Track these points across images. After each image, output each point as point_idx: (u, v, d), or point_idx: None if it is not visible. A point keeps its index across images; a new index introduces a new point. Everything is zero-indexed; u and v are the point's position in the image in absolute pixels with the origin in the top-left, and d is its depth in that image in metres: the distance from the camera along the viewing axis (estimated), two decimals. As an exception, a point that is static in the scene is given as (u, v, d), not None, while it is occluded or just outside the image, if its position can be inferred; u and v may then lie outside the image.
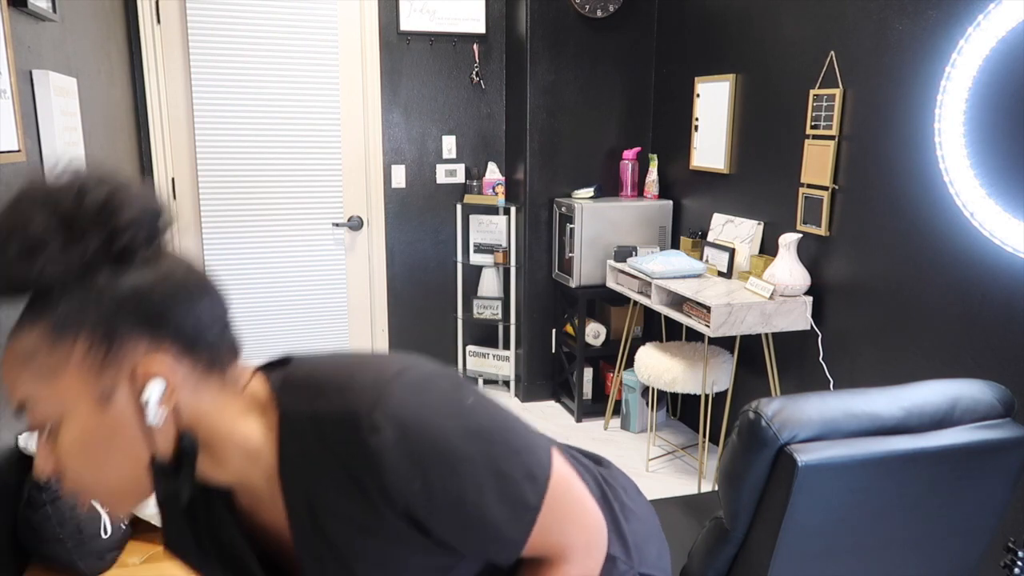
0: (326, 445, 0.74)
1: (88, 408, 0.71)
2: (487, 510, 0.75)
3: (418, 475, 0.72)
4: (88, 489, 0.74)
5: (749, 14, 3.10)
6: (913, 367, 2.40)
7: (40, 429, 0.72)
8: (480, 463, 0.75)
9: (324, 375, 0.78)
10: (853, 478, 1.33)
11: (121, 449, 0.72)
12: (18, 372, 0.71)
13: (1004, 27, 2.01)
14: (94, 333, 0.70)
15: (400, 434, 0.72)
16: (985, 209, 2.09)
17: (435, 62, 3.88)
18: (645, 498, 1.09)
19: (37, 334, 0.70)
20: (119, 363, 0.71)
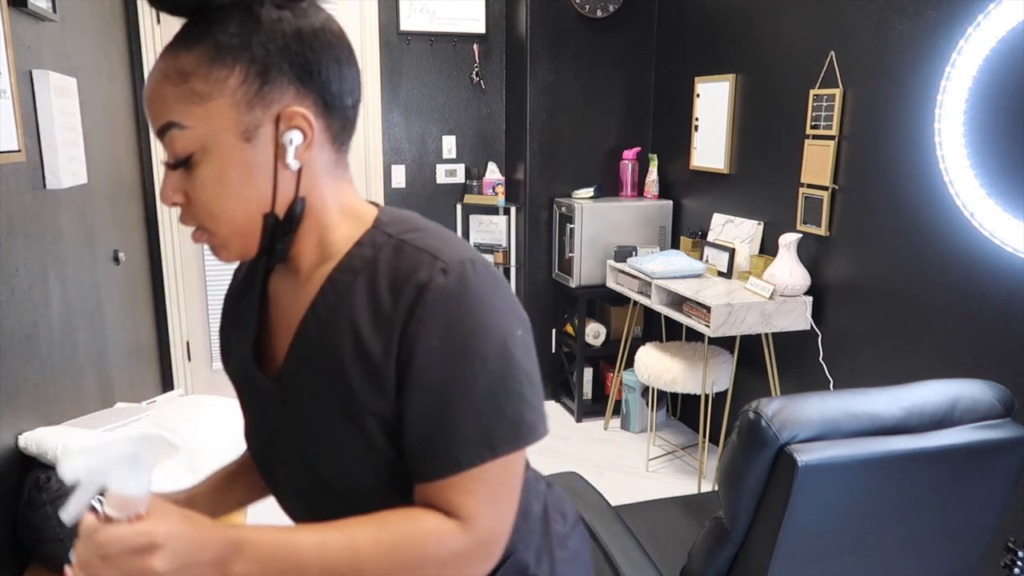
0: (395, 264, 0.75)
1: (232, 140, 0.72)
2: (460, 416, 0.73)
3: (442, 335, 0.72)
4: (212, 221, 0.75)
5: (749, 14, 3.10)
6: (913, 367, 2.40)
7: (177, 158, 0.72)
8: (492, 377, 0.74)
9: (430, 226, 0.81)
10: (853, 478, 1.33)
11: (252, 188, 0.74)
12: (169, 91, 0.71)
13: (1004, 27, 2.01)
14: (251, 66, 0.71)
15: (458, 291, 0.72)
16: (985, 209, 2.09)
17: (435, 62, 3.88)
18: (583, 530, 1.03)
19: (195, 55, 0.71)
20: (267, 103, 0.72)
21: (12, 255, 1.76)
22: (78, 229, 2.27)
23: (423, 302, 0.72)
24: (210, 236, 0.76)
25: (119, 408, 2.25)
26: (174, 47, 0.72)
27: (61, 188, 2.01)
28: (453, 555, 0.74)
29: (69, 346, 2.11)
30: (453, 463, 0.73)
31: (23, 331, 1.79)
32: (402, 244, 0.77)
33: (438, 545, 0.73)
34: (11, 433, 1.76)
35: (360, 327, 0.75)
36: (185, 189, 0.74)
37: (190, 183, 0.73)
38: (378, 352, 0.74)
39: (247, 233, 0.76)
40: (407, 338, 0.72)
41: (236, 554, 0.67)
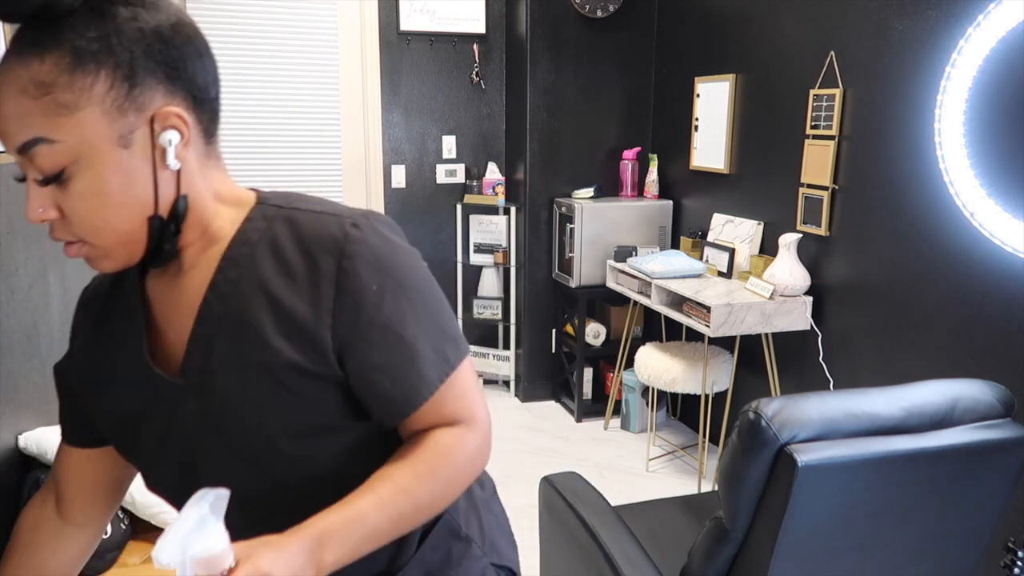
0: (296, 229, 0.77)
1: (107, 149, 0.69)
2: (419, 341, 0.79)
3: (377, 280, 0.76)
4: (93, 234, 0.72)
5: (749, 14, 3.10)
6: (913, 367, 2.40)
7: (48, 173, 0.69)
8: (427, 303, 0.80)
9: (314, 198, 0.83)
10: (853, 478, 1.33)
11: (134, 194, 0.71)
12: (28, 105, 0.66)
13: (1004, 27, 2.01)
14: (116, 69, 0.68)
15: (376, 238, 0.77)
16: (985, 209, 2.09)
17: (435, 62, 3.88)
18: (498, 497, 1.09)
19: (51, 64, 0.66)
20: (139, 106, 0.70)
21: (12, 255, 1.76)
22: (78, 229, 2.27)
23: (347, 254, 0.75)
24: (90, 248, 0.73)
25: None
26: (19, 55, 0.67)
27: (61, 188, 2.01)
28: (477, 450, 0.83)
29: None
30: (428, 383, 0.79)
31: (23, 331, 1.79)
32: (294, 213, 0.79)
33: (463, 449, 0.82)
34: (11, 433, 1.76)
35: (275, 292, 0.76)
36: (58, 203, 0.70)
37: (65, 197, 0.70)
38: (303, 312, 0.75)
39: (132, 240, 0.74)
40: (342, 292, 0.75)
41: (321, 547, 0.70)
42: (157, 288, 0.83)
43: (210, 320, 0.78)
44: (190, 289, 0.80)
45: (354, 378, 0.78)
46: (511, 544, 1.06)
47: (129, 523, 1.87)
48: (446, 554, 0.93)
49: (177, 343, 0.81)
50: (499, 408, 3.97)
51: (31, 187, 0.70)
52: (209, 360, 0.77)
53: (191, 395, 0.79)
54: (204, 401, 0.78)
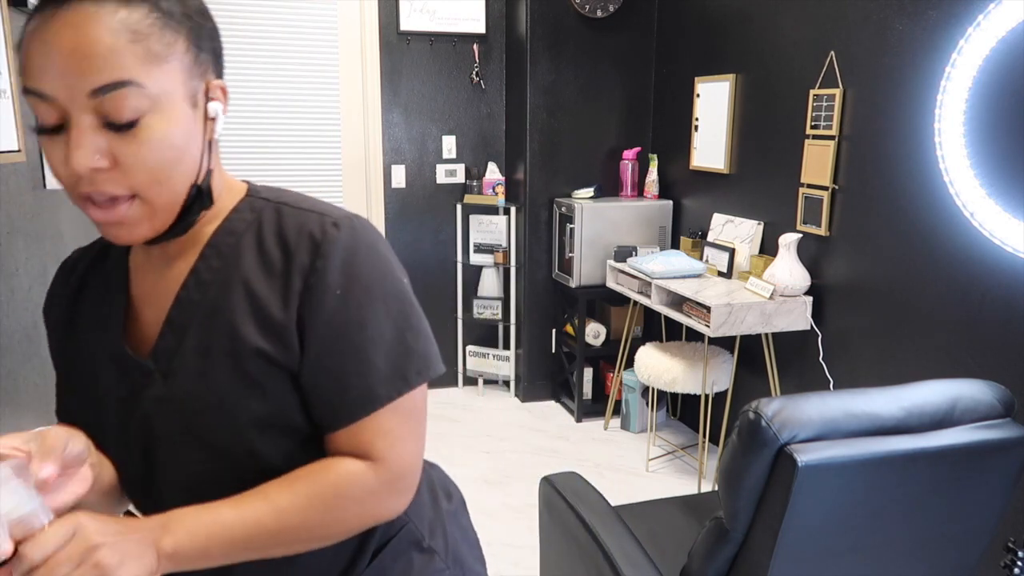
0: (280, 223, 0.79)
1: (181, 105, 0.72)
2: (374, 352, 0.77)
3: (344, 283, 0.76)
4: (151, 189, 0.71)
5: (749, 14, 3.10)
6: (913, 367, 2.40)
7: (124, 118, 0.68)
8: (393, 314, 0.79)
9: (304, 195, 0.85)
10: (853, 478, 1.33)
11: (191, 155, 0.74)
12: (123, 48, 0.67)
13: (1004, 27, 2.01)
14: (190, 35, 0.73)
15: (352, 242, 0.78)
16: (985, 209, 2.09)
17: (435, 62, 3.88)
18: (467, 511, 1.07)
19: (141, 15, 0.69)
20: (201, 73, 0.74)
21: (12, 255, 1.76)
22: (78, 229, 2.27)
23: (321, 254, 0.76)
24: (139, 206, 0.72)
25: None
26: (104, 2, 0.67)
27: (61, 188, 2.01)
28: (369, 494, 0.78)
29: (69, 346, 2.11)
30: (374, 399, 0.77)
31: (23, 331, 1.79)
32: (281, 207, 0.81)
33: (353, 487, 0.78)
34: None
35: (253, 285, 0.77)
36: (115, 151, 0.69)
37: (129, 145, 0.69)
38: (276, 306, 0.76)
39: (177, 203, 0.75)
40: (310, 290, 0.76)
41: (162, 529, 0.70)
42: (139, 268, 0.84)
43: (187, 306, 0.78)
44: (172, 271, 0.81)
45: (304, 376, 0.78)
46: (478, 559, 1.04)
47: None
48: (407, 564, 0.91)
49: (152, 325, 0.81)
50: (499, 408, 3.97)
51: (83, 133, 0.68)
52: (181, 345, 0.78)
53: (159, 378, 0.78)
54: (170, 386, 0.78)
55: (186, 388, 0.77)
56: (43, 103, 0.68)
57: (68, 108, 0.67)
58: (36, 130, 0.70)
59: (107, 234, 0.74)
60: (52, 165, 0.71)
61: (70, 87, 0.66)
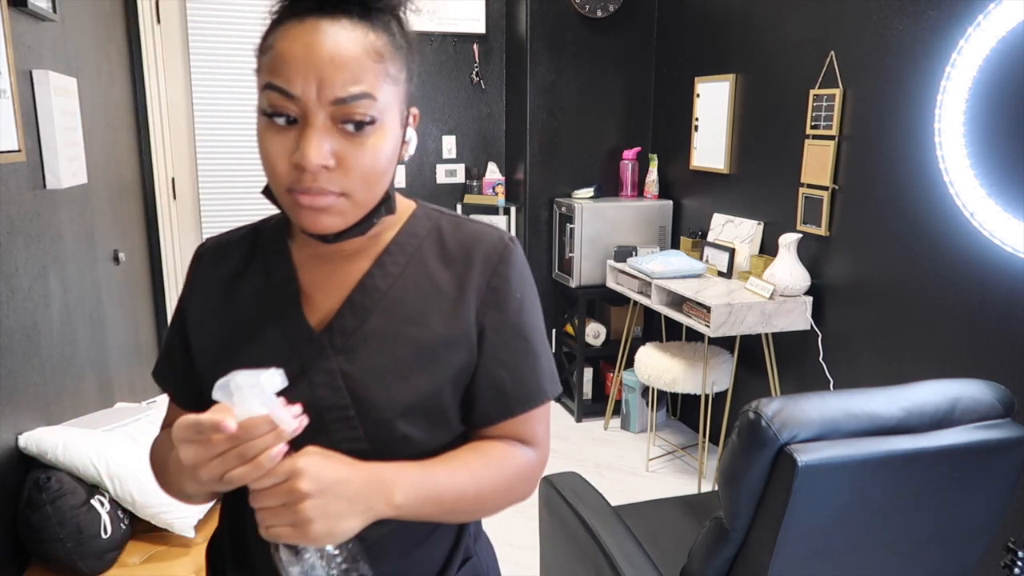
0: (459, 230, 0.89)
1: (396, 123, 0.81)
2: (541, 354, 0.89)
3: (521, 289, 0.88)
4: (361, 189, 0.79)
5: (749, 14, 3.10)
6: (913, 367, 2.40)
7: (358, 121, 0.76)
8: (542, 327, 0.91)
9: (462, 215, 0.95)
10: (853, 478, 1.33)
11: (392, 166, 0.82)
12: (369, 65, 0.76)
13: (1004, 27, 2.01)
14: (408, 66, 0.82)
15: (523, 259, 0.90)
16: (985, 209, 2.09)
17: (435, 62, 3.88)
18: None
19: (385, 42, 0.78)
20: (408, 101, 0.84)
21: (12, 255, 1.76)
22: (78, 229, 2.27)
23: (505, 261, 0.87)
24: (345, 201, 0.79)
25: (119, 408, 2.24)
26: (351, 20, 0.76)
27: (61, 188, 2.01)
28: (533, 473, 0.91)
29: (69, 346, 2.11)
30: (542, 394, 0.88)
31: (23, 331, 1.79)
32: (456, 218, 0.91)
33: (528, 469, 0.89)
34: (11, 433, 1.76)
35: (438, 281, 0.86)
36: (340, 153, 0.76)
37: (354, 149, 0.76)
38: (459, 302, 0.85)
39: (371, 206, 0.82)
40: (494, 291, 0.86)
41: (394, 484, 0.77)
42: (306, 263, 0.89)
43: (372, 292, 0.85)
44: (350, 267, 0.87)
45: (480, 367, 0.86)
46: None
47: (129, 523, 1.87)
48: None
49: (323, 310, 0.86)
50: (499, 408, 3.97)
51: (319, 133, 0.75)
52: (362, 326, 0.84)
53: (332, 353, 0.83)
54: (344, 361, 0.83)
55: (364, 365, 0.83)
56: (286, 99, 0.75)
57: (310, 108, 0.75)
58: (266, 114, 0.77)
59: (304, 220, 0.79)
60: (271, 154, 0.77)
61: (320, 90, 0.74)
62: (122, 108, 3.11)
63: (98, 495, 1.81)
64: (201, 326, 0.91)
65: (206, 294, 0.92)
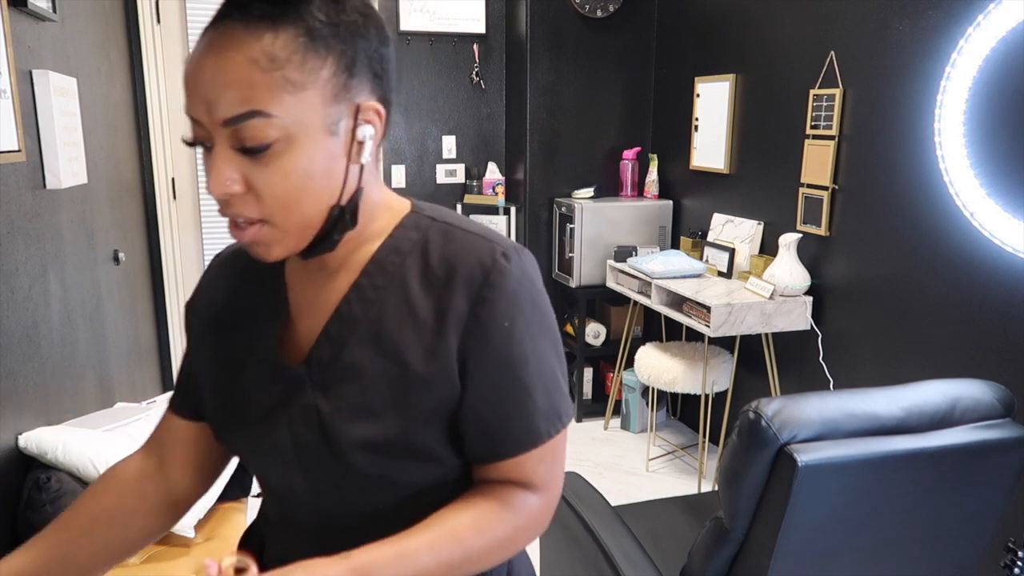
0: (447, 245, 0.77)
1: (317, 133, 0.69)
2: (535, 389, 0.77)
3: (512, 315, 0.75)
4: (280, 215, 0.70)
5: (749, 14, 3.10)
6: (913, 367, 2.40)
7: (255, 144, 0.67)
8: (548, 352, 0.79)
9: (459, 216, 0.82)
10: (853, 478, 1.33)
11: (327, 181, 0.71)
12: (257, 78, 0.66)
13: (1004, 27, 2.01)
14: (341, 58, 0.69)
15: (520, 274, 0.76)
16: (985, 209, 2.09)
17: (435, 62, 3.88)
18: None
19: (285, 40, 0.67)
20: (350, 97, 0.71)
21: (12, 255, 1.76)
22: (78, 229, 2.27)
23: (490, 284, 0.74)
24: (269, 230, 0.71)
25: (119, 408, 2.24)
26: (248, 25, 0.66)
27: (61, 188, 2.01)
28: (536, 520, 0.82)
29: (69, 346, 2.11)
30: (535, 436, 0.78)
31: (23, 331, 1.79)
32: (449, 228, 0.79)
33: (526, 516, 0.80)
34: (11, 433, 1.76)
35: (417, 307, 0.76)
36: (248, 178, 0.69)
37: (261, 172, 0.68)
38: (439, 332, 0.75)
39: (310, 226, 0.73)
40: (477, 319, 0.74)
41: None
42: (296, 277, 0.83)
43: (347, 320, 0.77)
44: (332, 285, 0.79)
45: (464, 406, 0.77)
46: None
47: (129, 523, 1.87)
48: None
49: (307, 335, 0.80)
50: (499, 408, 3.97)
51: (219, 158, 0.68)
52: (337, 358, 0.77)
53: (309, 388, 0.78)
54: (319, 398, 0.77)
55: (338, 402, 0.76)
56: (194, 125, 0.69)
57: (212, 132, 0.68)
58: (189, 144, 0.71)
59: (249, 251, 0.75)
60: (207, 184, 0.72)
61: (209, 114, 0.67)
62: (122, 108, 3.11)
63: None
64: (201, 339, 0.89)
65: (210, 303, 0.89)
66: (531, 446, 0.78)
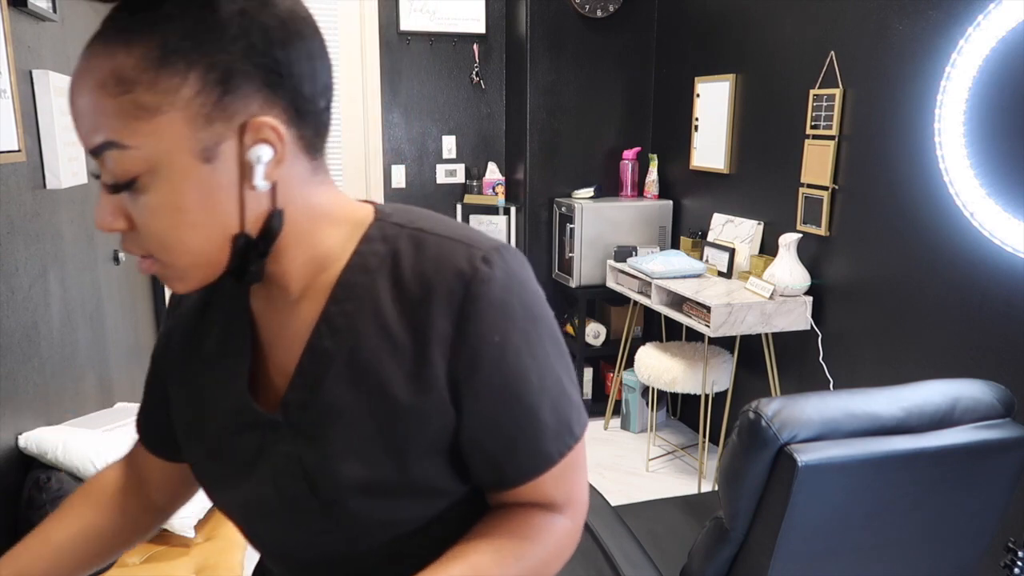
0: (420, 255, 0.67)
1: (187, 162, 0.59)
2: (540, 408, 0.68)
3: (502, 328, 0.65)
4: (166, 252, 0.63)
5: (749, 14, 3.10)
6: (913, 367, 2.40)
7: (118, 180, 0.59)
8: (552, 361, 0.69)
9: (435, 214, 0.72)
10: (853, 478, 1.33)
11: (214, 213, 0.61)
12: (106, 104, 0.57)
13: (1004, 27, 2.01)
14: (209, 72, 0.58)
15: (506, 279, 0.66)
16: (985, 209, 2.09)
17: (435, 62, 3.88)
18: None
19: (138, 57, 0.57)
20: (230, 115, 0.59)
21: (12, 255, 1.76)
22: (78, 229, 2.27)
23: (473, 296, 0.64)
24: (161, 267, 0.64)
25: (119, 408, 2.25)
26: (106, 43, 0.58)
27: (61, 188, 2.01)
28: (567, 539, 0.74)
29: (69, 346, 2.11)
30: (545, 459, 0.70)
31: (23, 331, 1.79)
32: (420, 234, 0.68)
33: (552, 538, 0.72)
34: (11, 433, 1.76)
35: (394, 332, 0.66)
36: (129, 213, 0.61)
37: (135, 207, 0.61)
38: (422, 357, 0.66)
39: (210, 262, 0.64)
40: (463, 337, 0.65)
41: None
42: (261, 307, 0.74)
43: (320, 355, 0.68)
44: (300, 317, 0.70)
45: (463, 435, 0.69)
46: None
47: (129, 523, 1.87)
48: None
49: (280, 374, 0.72)
50: (499, 408, 3.97)
51: (102, 191, 0.62)
52: (316, 398, 0.68)
53: (288, 434, 0.70)
54: (300, 443, 0.69)
55: (322, 447, 0.68)
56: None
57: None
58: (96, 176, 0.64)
59: None
60: None
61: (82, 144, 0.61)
62: (122, 108, 3.10)
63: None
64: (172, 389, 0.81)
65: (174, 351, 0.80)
66: (543, 470, 0.70)
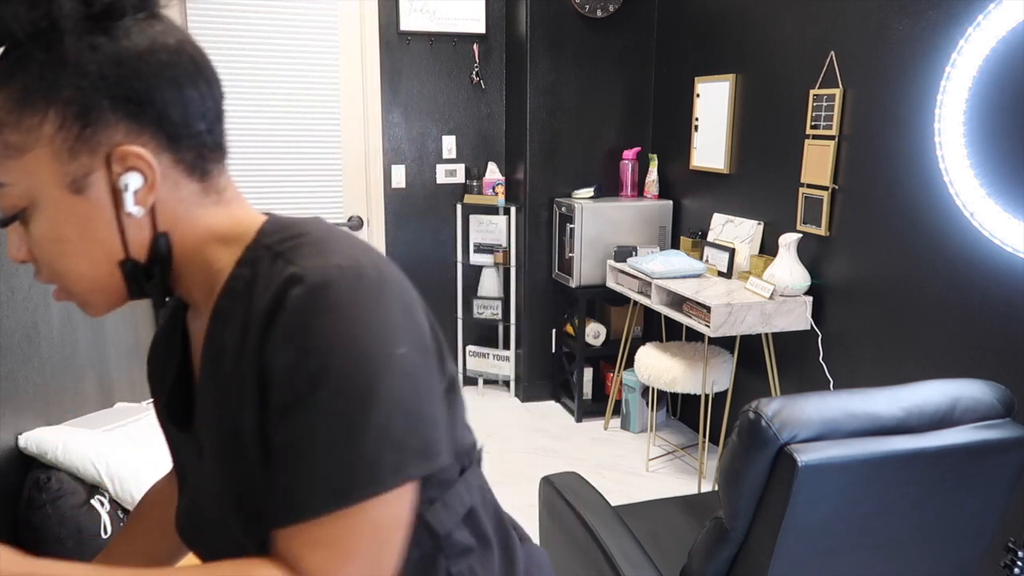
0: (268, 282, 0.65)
1: (58, 194, 0.63)
2: (308, 450, 0.61)
3: (293, 354, 0.61)
4: (61, 280, 0.68)
5: (749, 14, 3.10)
6: (913, 367, 2.40)
7: (7, 215, 0.65)
8: (345, 406, 0.61)
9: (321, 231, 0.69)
10: (853, 478, 1.33)
11: (95, 241, 0.65)
12: None
13: (1004, 27, 2.01)
14: (67, 108, 0.61)
15: (312, 304, 0.61)
16: (985, 209, 2.09)
17: (435, 62, 3.88)
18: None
19: (4, 99, 0.62)
20: (93, 147, 0.63)
21: (12, 255, 1.75)
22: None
23: (275, 319, 0.62)
24: (67, 294, 0.70)
25: (119, 408, 2.25)
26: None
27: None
28: None
29: (69, 346, 2.11)
30: (299, 509, 0.61)
31: (23, 331, 1.79)
32: (277, 257, 0.66)
33: None
34: (11, 433, 1.76)
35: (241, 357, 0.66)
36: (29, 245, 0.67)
37: (29, 240, 0.66)
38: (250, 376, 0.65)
39: (106, 287, 0.68)
40: (264, 356, 0.63)
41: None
42: (192, 324, 0.76)
43: (205, 379, 0.70)
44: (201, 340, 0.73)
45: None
46: None
47: (129, 523, 1.87)
48: None
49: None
50: (499, 408, 3.97)
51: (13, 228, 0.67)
52: (203, 416, 0.71)
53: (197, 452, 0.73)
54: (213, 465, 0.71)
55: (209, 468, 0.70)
56: None
57: None
58: None
59: None
60: None
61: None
62: (122, 108, 3.10)
63: (98, 495, 1.81)
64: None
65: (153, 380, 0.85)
66: (292, 519, 0.61)
